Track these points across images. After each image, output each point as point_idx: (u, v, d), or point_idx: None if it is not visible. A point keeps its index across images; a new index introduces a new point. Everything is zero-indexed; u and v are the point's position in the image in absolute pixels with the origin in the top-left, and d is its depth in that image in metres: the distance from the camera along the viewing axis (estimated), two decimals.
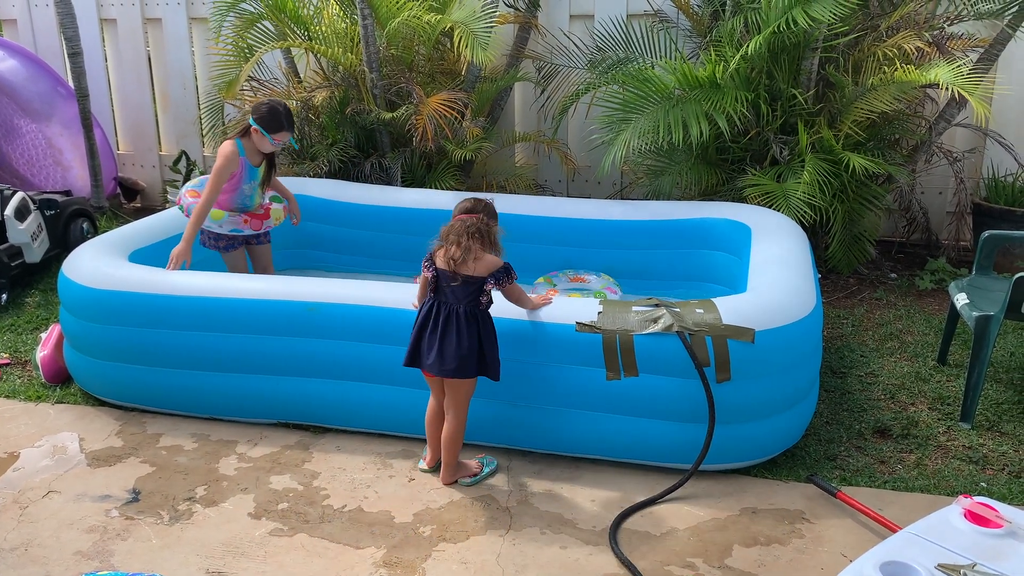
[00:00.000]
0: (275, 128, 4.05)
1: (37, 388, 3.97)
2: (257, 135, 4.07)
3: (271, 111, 4.06)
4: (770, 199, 4.69)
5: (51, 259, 5.41)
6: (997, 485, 3.13)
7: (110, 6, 7.14)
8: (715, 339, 3.05)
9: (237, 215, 4.23)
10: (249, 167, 4.16)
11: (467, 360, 3.01)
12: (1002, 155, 5.55)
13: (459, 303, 3.02)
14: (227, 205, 4.20)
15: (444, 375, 3.05)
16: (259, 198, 4.33)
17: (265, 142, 4.08)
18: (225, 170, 4.04)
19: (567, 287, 4.46)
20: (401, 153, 5.66)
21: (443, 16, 5.31)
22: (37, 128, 6.71)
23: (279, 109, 4.08)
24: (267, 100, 4.22)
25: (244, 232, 4.27)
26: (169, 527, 2.93)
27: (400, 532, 2.90)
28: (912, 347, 4.34)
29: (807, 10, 4.52)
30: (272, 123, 4.05)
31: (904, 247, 5.89)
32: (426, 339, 3.06)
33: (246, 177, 4.18)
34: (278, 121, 4.05)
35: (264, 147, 4.13)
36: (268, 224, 4.34)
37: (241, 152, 4.10)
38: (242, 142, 4.12)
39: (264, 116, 4.05)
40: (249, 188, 4.22)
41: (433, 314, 3.05)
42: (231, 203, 4.21)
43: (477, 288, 3.02)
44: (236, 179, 4.15)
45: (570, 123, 6.32)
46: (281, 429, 3.60)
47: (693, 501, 3.07)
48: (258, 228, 4.30)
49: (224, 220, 4.18)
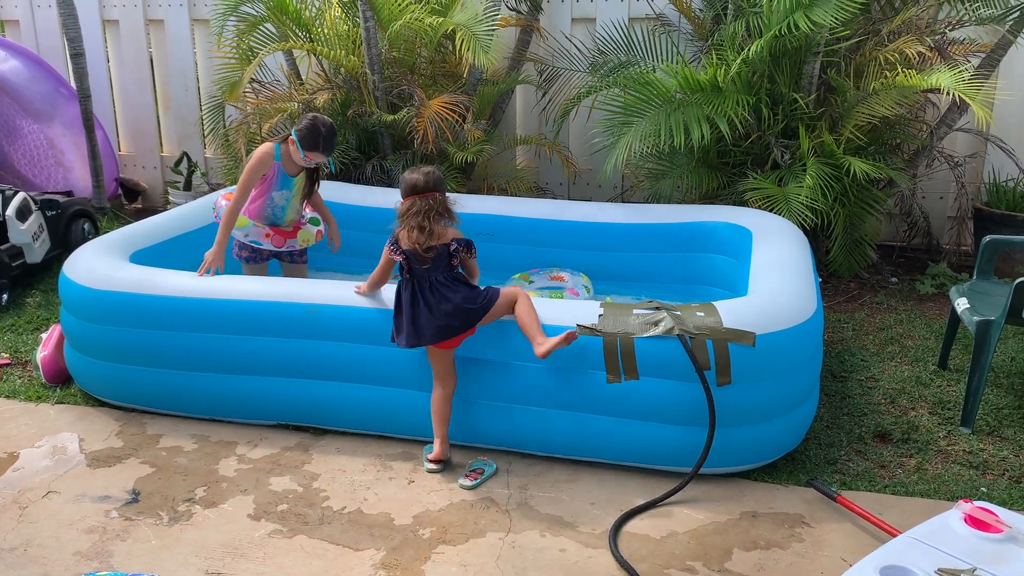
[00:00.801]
0: (310, 146, 3.89)
1: (37, 388, 3.97)
2: (292, 146, 3.92)
3: (312, 129, 3.88)
4: (771, 203, 4.69)
5: (52, 259, 5.42)
6: (997, 490, 3.13)
7: (112, 7, 7.15)
8: (716, 342, 3.05)
9: (262, 227, 4.08)
10: (282, 174, 4.00)
11: (468, 311, 3.17)
12: (1003, 160, 5.55)
13: (436, 272, 3.22)
14: (255, 214, 4.06)
15: (457, 334, 3.19)
16: (292, 213, 4.13)
17: (297, 155, 3.93)
18: (257, 170, 3.90)
19: (546, 285, 4.48)
20: (402, 155, 5.67)
21: (445, 19, 5.32)
22: (39, 129, 6.72)
23: (320, 130, 3.88)
24: (313, 116, 3.96)
25: (263, 245, 4.10)
26: (168, 528, 2.93)
27: (400, 534, 2.89)
28: (913, 351, 4.34)
29: (809, 14, 4.52)
30: (309, 140, 3.89)
31: (905, 251, 5.89)
32: (421, 316, 3.17)
33: (277, 184, 4.01)
34: (315, 140, 3.89)
35: (295, 160, 3.97)
36: (292, 244, 4.15)
37: (277, 157, 3.95)
38: (280, 147, 3.97)
39: (303, 130, 3.88)
40: (280, 197, 4.05)
41: (417, 290, 3.21)
42: (260, 212, 4.06)
43: (446, 254, 3.24)
44: (267, 183, 3.99)
45: (571, 126, 6.32)
46: (281, 430, 3.60)
47: (693, 504, 3.06)
48: (279, 245, 4.12)
49: (247, 229, 4.05)
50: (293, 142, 3.92)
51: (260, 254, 4.18)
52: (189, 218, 4.57)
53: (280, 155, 3.99)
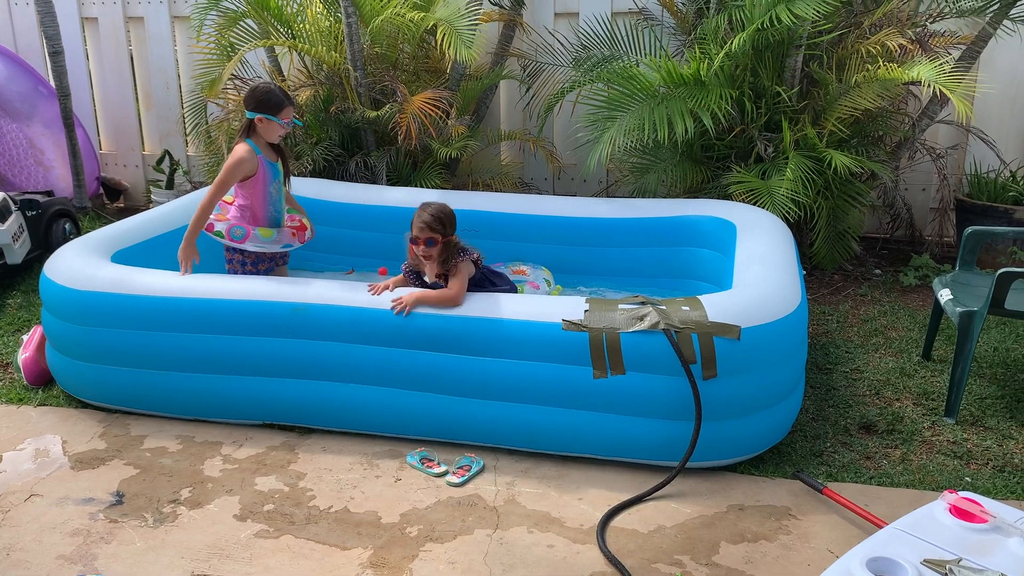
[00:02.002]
0: (278, 107, 3.82)
1: (19, 391, 3.93)
2: (264, 123, 3.84)
3: (267, 92, 3.83)
4: (755, 196, 4.70)
5: (33, 260, 5.36)
6: (981, 479, 3.15)
7: (91, 4, 7.08)
8: (701, 336, 3.06)
9: (284, 229, 4.01)
10: (270, 165, 3.92)
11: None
12: (984, 151, 5.59)
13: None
14: (266, 220, 3.97)
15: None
16: (283, 202, 4.07)
17: (274, 127, 3.85)
18: (235, 170, 3.79)
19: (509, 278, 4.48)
20: (386, 152, 5.65)
21: (427, 14, 5.29)
22: (18, 128, 6.65)
23: (272, 88, 3.88)
24: (254, 86, 3.94)
25: (293, 246, 4.05)
26: (153, 529, 2.91)
27: (387, 532, 2.88)
28: (897, 343, 4.36)
29: (791, 7, 4.53)
30: (273, 104, 3.81)
31: (888, 243, 5.92)
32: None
33: (269, 176, 3.93)
34: (278, 99, 3.82)
35: (274, 134, 3.88)
36: (308, 236, 4.12)
37: (257, 151, 3.88)
38: (252, 140, 3.88)
39: (263, 100, 3.81)
40: (275, 190, 3.97)
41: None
42: (268, 216, 3.97)
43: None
44: (262, 182, 3.90)
45: (555, 121, 6.32)
46: (266, 430, 3.58)
47: (680, 499, 3.07)
48: (303, 241, 4.08)
49: (275, 237, 3.95)
50: (262, 120, 3.84)
51: (276, 260, 4.10)
52: (172, 217, 4.53)
53: (258, 148, 3.91)
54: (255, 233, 3.92)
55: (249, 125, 3.90)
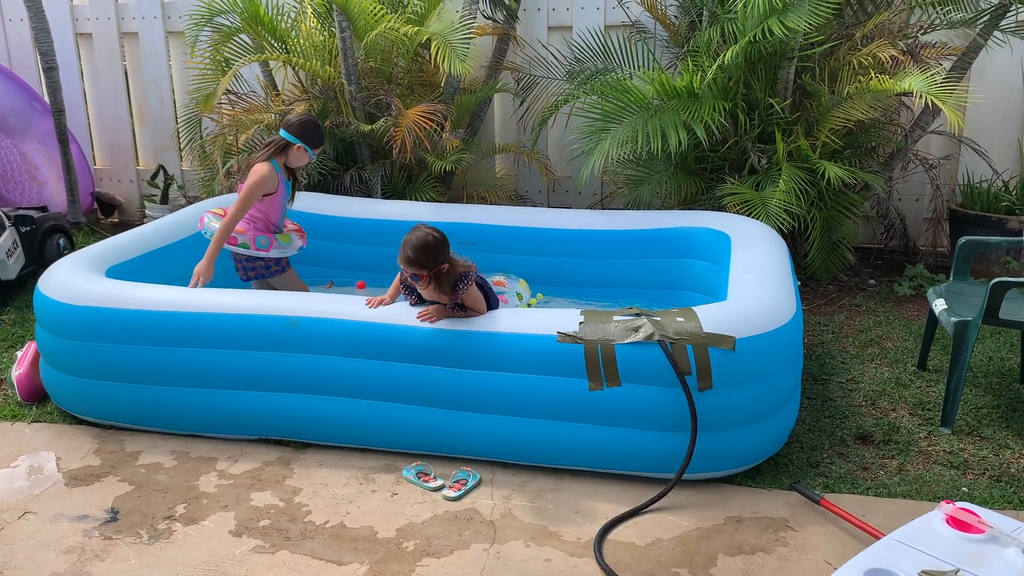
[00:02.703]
0: (318, 143, 4.11)
1: (13, 407, 3.91)
2: (299, 152, 4.06)
3: (315, 127, 4.09)
4: (749, 207, 4.72)
5: (27, 276, 5.35)
6: (978, 489, 3.15)
7: (86, 20, 7.09)
8: (696, 347, 3.06)
9: (295, 233, 4.27)
10: (286, 182, 4.16)
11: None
12: (977, 161, 5.62)
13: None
14: (278, 230, 4.20)
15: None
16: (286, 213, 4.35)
17: (305, 157, 4.10)
18: (259, 189, 3.99)
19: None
20: (381, 165, 5.65)
21: (421, 28, 5.31)
22: (12, 144, 6.65)
23: (319, 124, 4.13)
24: (300, 116, 4.17)
25: (304, 247, 4.29)
26: (148, 546, 2.89)
27: (383, 547, 2.87)
28: (892, 353, 4.37)
29: (783, 20, 4.56)
30: (316, 139, 4.10)
31: (882, 254, 5.94)
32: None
33: (286, 194, 4.18)
34: (320, 137, 4.12)
35: (301, 162, 4.13)
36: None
37: (278, 170, 4.08)
38: (276, 160, 4.07)
39: (310, 133, 4.06)
40: (284, 201, 4.21)
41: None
42: (279, 227, 4.21)
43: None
44: (279, 198, 4.12)
45: (550, 134, 6.34)
46: (262, 445, 3.57)
47: (677, 511, 3.06)
48: (305, 241, 4.34)
49: (292, 242, 4.20)
50: (300, 148, 4.06)
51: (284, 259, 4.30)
52: (166, 232, 4.53)
53: (279, 168, 4.10)
54: (277, 240, 4.14)
55: (282, 147, 4.08)
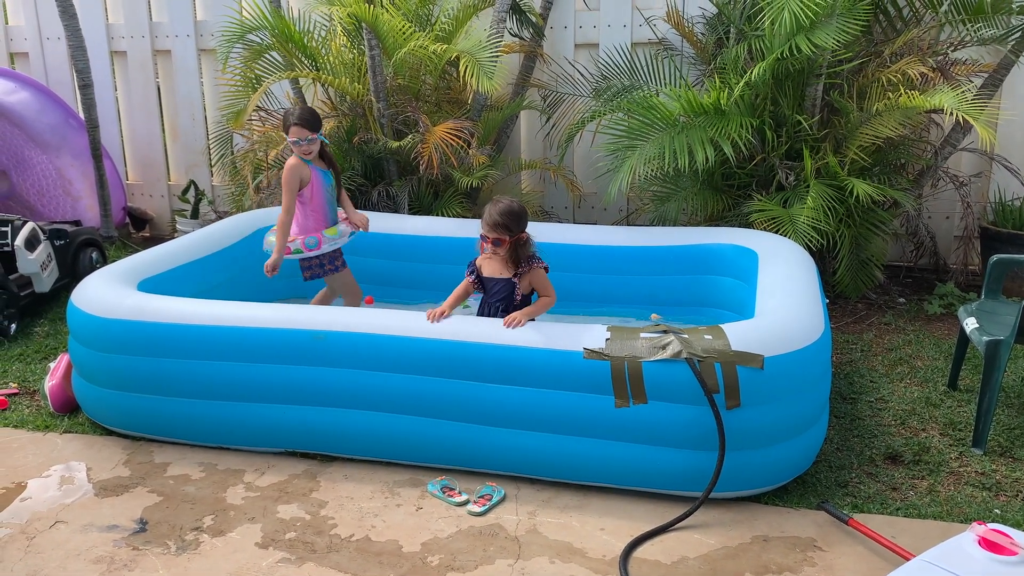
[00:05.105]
0: (301, 121, 4.12)
1: (45, 418, 3.97)
2: (292, 139, 4.12)
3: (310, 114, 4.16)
4: (776, 224, 4.69)
5: (60, 289, 5.44)
6: (1011, 511, 3.09)
7: (120, 39, 7.23)
8: (724, 365, 3.04)
9: (341, 223, 4.33)
10: (322, 172, 4.24)
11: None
12: (1008, 179, 5.55)
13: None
14: (326, 222, 4.28)
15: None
16: (336, 204, 4.39)
17: (304, 141, 4.12)
18: (293, 179, 4.10)
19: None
20: (408, 181, 5.70)
21: (449, 46, 5.36)
22: (48, 159, 6.77)
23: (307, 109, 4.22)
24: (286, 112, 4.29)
25: (356, 233, 4.38)
26: (176, 557, 2.92)
27: (408, 562, 2.87)
28: (922, 372, 4.32)
29: (811, 37, 4.55)
30: (314, 122, 4.15)
31: (912, 272, 5.87)
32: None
33: (322, 180, 4.24)
34: (300, 113, 4.15)
35: (306, 149, 4.16)
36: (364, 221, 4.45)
37: (307, 162, 4.18)
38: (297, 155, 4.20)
39: (287, 118, 4.14)
40: (329, 190, 4.28)
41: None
42: (327, 219, 4.29)
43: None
44: (319, 190, 4.21)
45: (576, 150, 6.35)
46: (288, 458, 3.59)
47: (704, 529, 3.04)
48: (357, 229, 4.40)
49: (340, 233, 4.27)
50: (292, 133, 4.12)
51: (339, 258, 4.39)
52: (197, 246, 4.59)
53: (309, 161, 4.21)
54: (325, 235, 4.24)
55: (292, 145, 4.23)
